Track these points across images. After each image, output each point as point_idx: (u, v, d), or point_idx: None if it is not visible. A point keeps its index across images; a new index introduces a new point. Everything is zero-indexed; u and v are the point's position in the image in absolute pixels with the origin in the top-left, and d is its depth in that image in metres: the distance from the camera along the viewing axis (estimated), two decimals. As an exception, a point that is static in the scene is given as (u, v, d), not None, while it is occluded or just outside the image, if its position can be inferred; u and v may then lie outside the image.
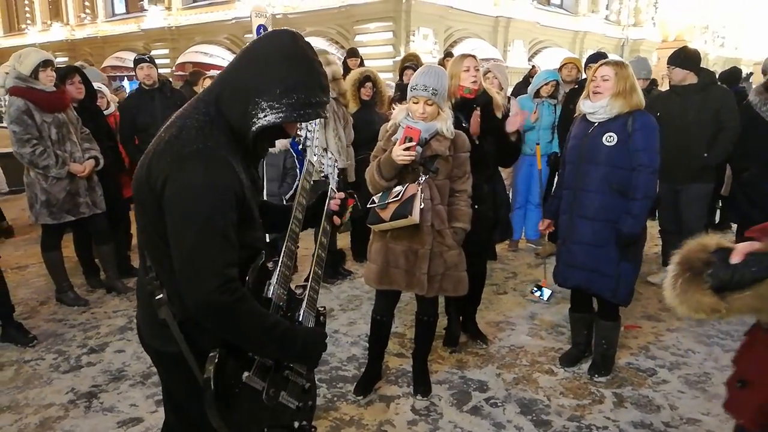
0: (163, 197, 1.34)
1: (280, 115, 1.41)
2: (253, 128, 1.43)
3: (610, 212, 2.99)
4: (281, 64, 1.42)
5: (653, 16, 23.04)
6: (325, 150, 1.79)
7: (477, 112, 3.21)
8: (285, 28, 1.57)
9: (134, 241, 5.60)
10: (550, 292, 4.39)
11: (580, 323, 3.43)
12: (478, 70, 3.24)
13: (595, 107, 3.01)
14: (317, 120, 1.85)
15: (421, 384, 3.10)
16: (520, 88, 6.69)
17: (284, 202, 3.75)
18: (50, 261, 4.26)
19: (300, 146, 2.04)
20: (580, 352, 3.46)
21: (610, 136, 2.96)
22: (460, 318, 3.70)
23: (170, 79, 5.75)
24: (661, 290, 4.52)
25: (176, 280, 1.36)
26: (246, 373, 1.41)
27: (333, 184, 1.85)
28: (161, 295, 1.44)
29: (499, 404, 3.02)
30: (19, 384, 3.21)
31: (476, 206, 3.15)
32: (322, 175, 1.86)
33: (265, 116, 1.41)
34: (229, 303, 1.33)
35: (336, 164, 4.02)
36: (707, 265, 1.18)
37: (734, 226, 5.64)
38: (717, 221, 6.20)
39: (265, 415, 1.47)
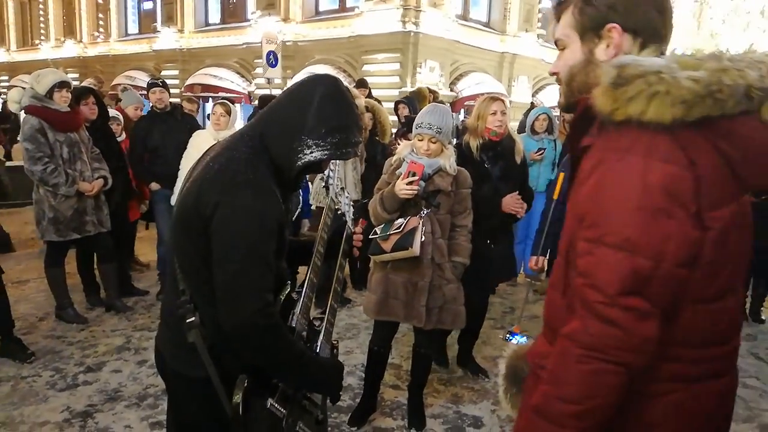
0: (212, 222, 1.41)
1: (326, 152, 1.53)
2: (299, 163, 1.53)
3: None
4: (326, 105, 1.53)
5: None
6: (342, 189, 1.85)
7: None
8: (327, 73, 1.68)
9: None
10: (525, 338, 4.17)
11: None
12: (504, 114, 3.33)
13: None
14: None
15: (416, 417, 3.11)
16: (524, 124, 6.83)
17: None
18: (53, 277, 4.29)
19: (323, 184, 2.11)
20: None
21: None
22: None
23: (181, 104, 5.87)
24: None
25: (214, 303, 1.41)
26: (270, 400, 1.46)
27: (350, 221, 1.95)
28: (193, 318, 1.48)
29: (492, 441, 3.02)
30: (14, 400, 3.22)
31: (492, 245, 3.32)
32: (339, 212, 1.93)
33: (311, 153, 1.52)
34: (267, 326, 1.40)
35: (351, 202, 4.11)
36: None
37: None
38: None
39: None
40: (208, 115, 7.40)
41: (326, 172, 1.93)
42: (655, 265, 1.02)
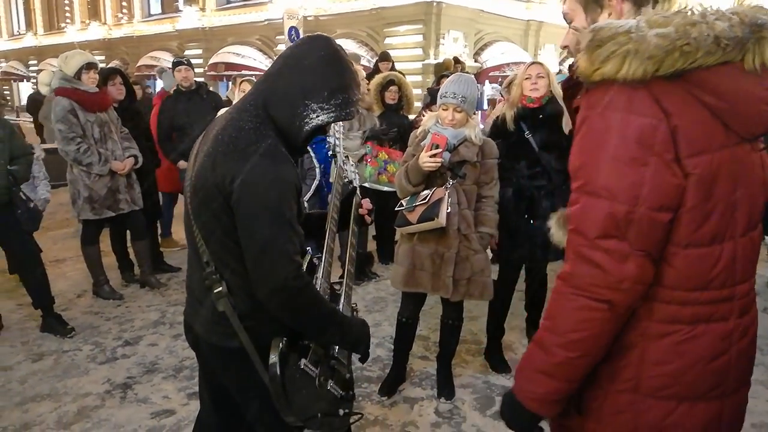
0: (233, 195, 1.42)
1: (332, 114, 1.54)
2: (306, 128, 1.53)
3: None
4: (326, 67, 1.53)
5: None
6: (347, 157, 1.86)
7: None
8: (318, 33, 1.67)
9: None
10: None
11: None
12: (541, 77, 3.11)
13: None
14: (342, 126, 1.99)
15: (445, 387, 3.14)
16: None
17: (304, 204, 3.83)
18: (89, 255, 4.42)
19: (330, 152, 2.12)
20: None
21: None
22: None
23: (206, 82, 5.92)
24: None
25: (240, 272, 1.45)
26: (303, 360, 1.51)
27: (357, 186, 1.98)
28: (221, 288, 1.51)
29: (522, 410, 3.03)
30: (58, 373, 3.35)
31: (532, 221, 3.13)
32: (346, 179, 1.96)
33: (317, 116, 1.53)
34: (302, 287, 1.44)
35: (356, 169, 4.12)
36: None
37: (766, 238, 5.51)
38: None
39: (318, 401, 1.55)
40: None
41: (332, 140, 1.94)
42: (630, 209, 1.10)
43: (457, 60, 8.35)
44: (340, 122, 1.75)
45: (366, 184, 4.60)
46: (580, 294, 1.16)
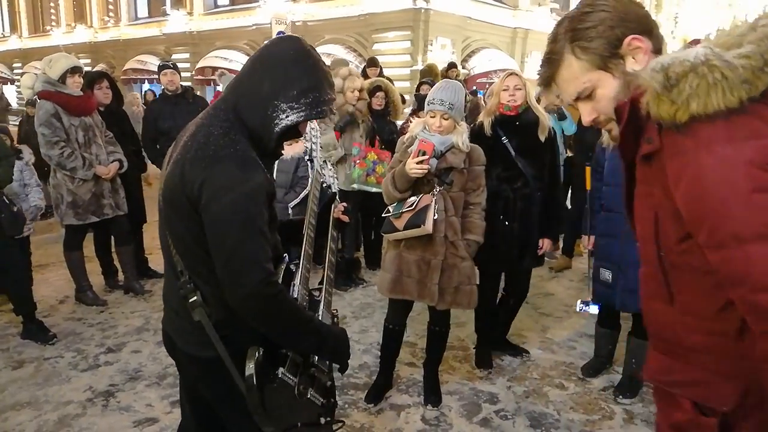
0: (201, 201, 1.40)
1: (301, 114, 1.51)
2: (277, 129, 1.51)
3: None
4: (294, 67, 1.51)
5: (673, 30, 22.92)
6: (325, 162, 1.86)
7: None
8: (289, 34, 1.66)
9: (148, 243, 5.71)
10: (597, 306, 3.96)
11: (606, 339, 3.44)
12: (519, 89, 3.24)
13: None
14: (319, 131, 1.99)
15: (432, 394, 3.13)
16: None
17: (289, 210, 3.82)
18: (72, 261, 4.36)
19: (307, 156, 2.12)
20: (602, 365, 3.50)
21: None
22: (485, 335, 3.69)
23: (192, 86, 5.88)
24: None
25: (212, 281, 1.43)
26: (281, 369, 1.48)
27: (335, 191, 1.97)
28: (195, 297, 1.49)
29: (509, 417, 3.04)
30: (38, 381, 3.29)
31: (507, 223, 3.25)
32: (324, 185, 1.95)
33: (287, 116, 1.50)
34: (273, 295, 1.41)
35: (335, 174, 4.12)
36: None
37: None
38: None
39: (297, 410, 1.53)
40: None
41: (308, 145, 1.93)
42: None
43: (452, 65, 8.41)
44: (316, 127, 1.75)
45: (354, 186, 4.60)
46: None
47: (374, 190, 4.56)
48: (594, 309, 3.95)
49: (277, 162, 3.37)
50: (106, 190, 4.22)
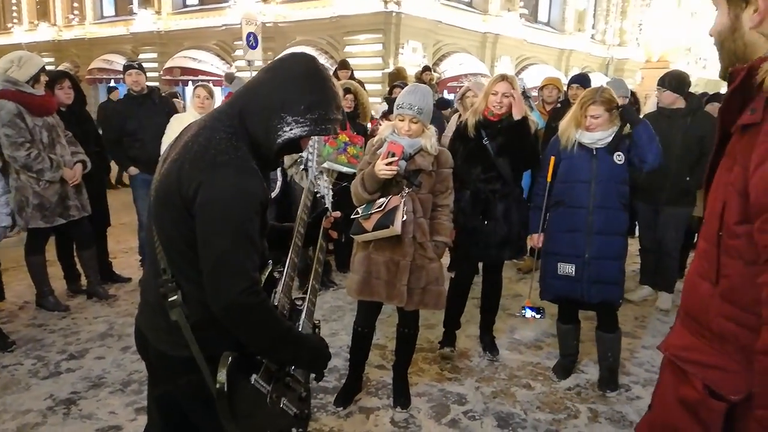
0: (195, 203, 1.40)
1: (306, 128, 1.53)
2: (279, 140, 1.52)
3: (619, 225, 3.14)
4: (304, 83, 1.53)
5: (637, 37, 23.50)
6: (321, 172, 1.85)
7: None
8: (303, 51, 1.68)
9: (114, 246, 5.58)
10: (540, 309, 4.13)
11: (569, 334, 3.52)
12: (507, 97, 3.31)
13: (594, 138, 3.14)
14: (317, 141, 1.97)
15: (401, 396, 3.14)
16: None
17: None
18: (33, 265, 4.24)
19: (302, 166, 2.13)
20: (572, 363, 3.57)
21: (619, 155, 3.11)
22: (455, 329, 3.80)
23: (159, 87, 5.78)
24: (637, 307, 4.60)
25: (197, 282, 1.42)
26: (254, 376, 1.48)
27: (328, 204, 1.96)
28: (176, 297, 1.48)
29: (476, 417, 3.06)
30: (-4, 389, 3.19)
31: (486, 222, 3.38)
32: (319, 195, 1.94)
33: (291, 129, 1.51)
34: (256, 304, 1.41)
35: (330, 185, 4.10)
36: None
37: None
38: (695, 241, 6.34)
39: (268, 419, 1.52)
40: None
41: (304, 154, 1.92)
42: None
43: (426, 69, 8.47)
44: (315, 139, 1.75)
45: (324, 164, 4.57)
46: None
47: (344, 169, 4.51)
48: (530, 313, 4.04)
49: None
50: (71, 191, 4.13)
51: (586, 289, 3.18)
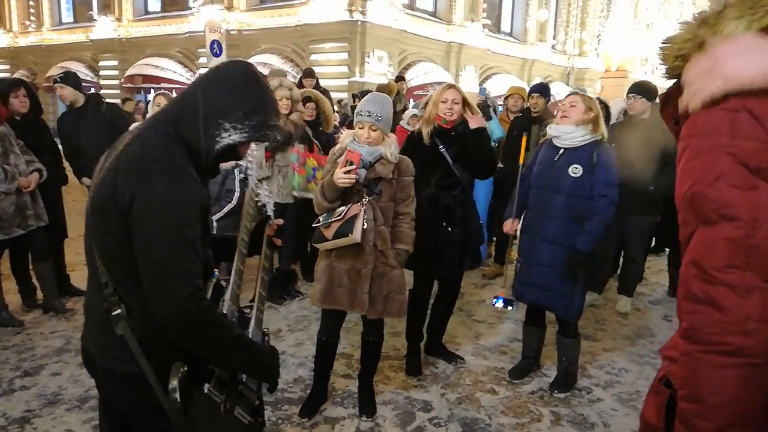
0: (131, 212, 1.37)
1: (244, 135, 1.53)
2: (217, 146, 1.51)
3: (568, 237, 3.17)
4: (243, 89, 1.53)
5: (596, 48, 24.20)
6: (261, 181, 1.85)
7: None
8: (239, 58, 1.67)
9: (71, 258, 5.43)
10: (512, 301, 4.20)
11: (532, 337, 3.58)
12: (456, 103, 3.34)
13: (560, 131, 3.21)
14: (257, 150, 1.97)
15: (367, 405, 3.13)
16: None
17: (213, 223, 3.75)
18: (-15, 279, 4.08)
19: (242, 174, 2.11)
20: (529, 366, 3.63)
21: (576, 168, 3.15)
22: (422, 343, 3.77)
23: (98, 93, 5.64)
24: (598, 311, 4.70)
25: (138, 294, 1.39)
26: (207, 385, 1.45)
27: (270, 212, 1.95)
28: (119, 310, 1.44)
29: (442, 424, 3.08)
30: (-56, 409, 3.05)
31: (450, 229, 3.37)
32: (260, 204, 1.94)
33: (230, 135, 1.51)
34: (199, 312, 1.38)
35: (270, 193, 4.10)
36: None
37: (667, 251, 5.99)
38: (652, 245, 6.53)
39: (223, 428, 1.50)
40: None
41: (244, 164, 1.92)
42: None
43: (400, 78, 8.55)
44: (254, 147, 1.74)
45: (295, 194, 4.56)
46: (708, 350, 1.02)
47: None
48: (501, 304, 4.17)
49: None
50: (28, 201, 4.00)
51: (517, 289, 3.38)
